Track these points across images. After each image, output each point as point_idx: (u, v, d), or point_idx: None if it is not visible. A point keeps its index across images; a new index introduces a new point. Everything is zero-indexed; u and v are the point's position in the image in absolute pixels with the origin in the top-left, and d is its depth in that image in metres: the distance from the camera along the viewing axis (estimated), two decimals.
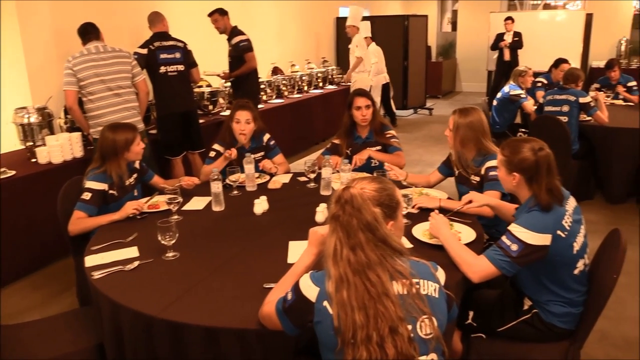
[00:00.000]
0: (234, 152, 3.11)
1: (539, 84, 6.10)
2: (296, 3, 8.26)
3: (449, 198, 2.68)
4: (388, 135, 3.35)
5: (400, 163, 3.15)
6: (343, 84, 8.08)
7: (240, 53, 5.22)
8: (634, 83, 6.19)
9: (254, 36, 5.44)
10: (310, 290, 1.39)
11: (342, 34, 6.24)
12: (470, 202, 2.35)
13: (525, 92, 5.62)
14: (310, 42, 8.81)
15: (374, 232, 1.35)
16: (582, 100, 4.69)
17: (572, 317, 2.00)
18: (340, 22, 9.39)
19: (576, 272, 1.95)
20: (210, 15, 5.24)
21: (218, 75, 5.56)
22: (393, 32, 9.40)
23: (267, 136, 3.36)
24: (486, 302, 2.19)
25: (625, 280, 3.42)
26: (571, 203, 1.99)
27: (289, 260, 2.02)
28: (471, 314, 2.17)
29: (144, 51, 4.42)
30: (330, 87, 8.04)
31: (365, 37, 8.69)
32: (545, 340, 2.03)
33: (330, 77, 8.34)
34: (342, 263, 1.33)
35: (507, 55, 9.11)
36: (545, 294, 1.99)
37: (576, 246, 1.93)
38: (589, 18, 10.10)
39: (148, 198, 2.79)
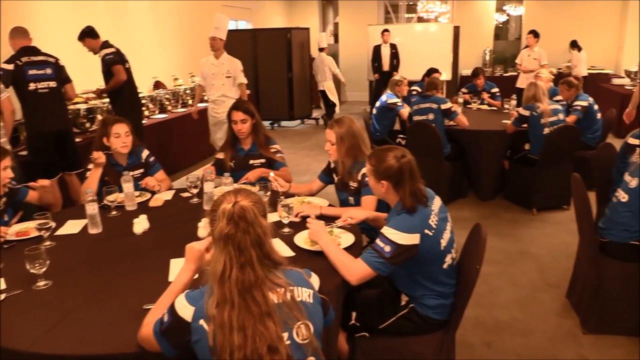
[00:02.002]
0: (102, 156, 3.00)
1: (414, 92, 6.50)
2: (176, 16, 8.10)
3: (330, 205, 2.77)
4: (273, 150, 3.38)
5: (288, 179, 3.18)
6: None
7: (107, 67, 5.03)
8: (496, 90, 6.83)
9: (132, 51, 5.27)
10: (185, 310, 1.38)
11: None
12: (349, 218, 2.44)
13: (401, 100, 5.96)
14: (193, 55, 8.65)
15: (261, 247, 1.37)
16: (443, 106, 5.06)
17: (445, 308, 2.15)
18: None
19: (445, 266, 2.11)
20: (79, 39, 5.07)
21: (93, 93, 5.34)
22: (276, 45, 9.54)
23: (145, 152, 3.27)
24: (367, 302, 2.29)
25: (496, 270, 3.74)
26: (437, 203, 2.14)
27: (170, 279, 1.98)
28: (354, 314, 2.27)
29: (10, 67, 4.11)
30: None
31: (322, 48, 8.67)
32: (423, 332, 2.17)
33: None
34: (229, 283, 1.33)
35: (385, 66, 9.60)
36: (419, 289, 2.13)
37: (443, 242, 2.08)
38: (457, 30, 10.94)
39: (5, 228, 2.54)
